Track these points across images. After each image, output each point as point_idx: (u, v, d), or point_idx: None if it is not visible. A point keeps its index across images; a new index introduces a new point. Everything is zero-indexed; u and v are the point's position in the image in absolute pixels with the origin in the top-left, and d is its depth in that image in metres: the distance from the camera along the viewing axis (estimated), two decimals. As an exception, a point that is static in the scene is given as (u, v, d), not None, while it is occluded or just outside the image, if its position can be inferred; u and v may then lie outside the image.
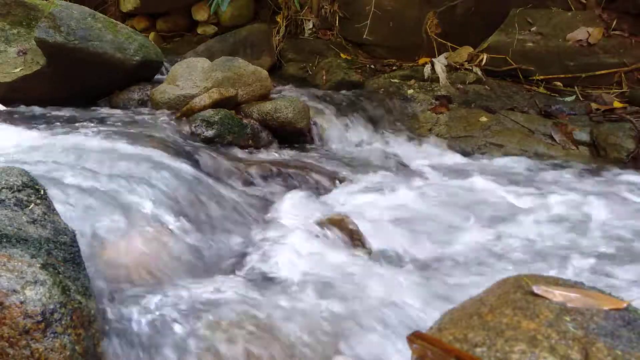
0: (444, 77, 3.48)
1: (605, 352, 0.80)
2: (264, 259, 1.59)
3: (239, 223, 1.80)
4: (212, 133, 2.39)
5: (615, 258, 1.65)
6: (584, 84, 3.41)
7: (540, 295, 0.93)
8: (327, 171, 2.34)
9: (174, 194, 1.72)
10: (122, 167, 1.78)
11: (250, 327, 1.21)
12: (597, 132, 2.90)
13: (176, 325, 1.19)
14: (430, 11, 3.91)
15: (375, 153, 2.76)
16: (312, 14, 4.39)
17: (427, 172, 2.56)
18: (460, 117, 3.15)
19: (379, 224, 1.84)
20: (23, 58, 2.86)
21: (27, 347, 0.91)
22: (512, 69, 3.52)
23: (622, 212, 2.01)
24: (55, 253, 1.08)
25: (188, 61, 2.87)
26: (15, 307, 0.92)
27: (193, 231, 1.60)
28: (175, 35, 5.03)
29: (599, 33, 3.40)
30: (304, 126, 2.69)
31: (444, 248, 1.73)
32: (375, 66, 4.02)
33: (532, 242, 1.76)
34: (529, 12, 3.66)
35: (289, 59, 4.21)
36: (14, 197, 1.17)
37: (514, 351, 0.81)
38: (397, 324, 1.28)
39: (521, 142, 2.93)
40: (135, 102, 2.92)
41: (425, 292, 1.45)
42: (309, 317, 1.27)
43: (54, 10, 2.69)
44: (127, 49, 2.83)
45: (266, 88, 2.84)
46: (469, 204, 2.05)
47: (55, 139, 2.09)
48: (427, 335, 0.89)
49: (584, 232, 1.84)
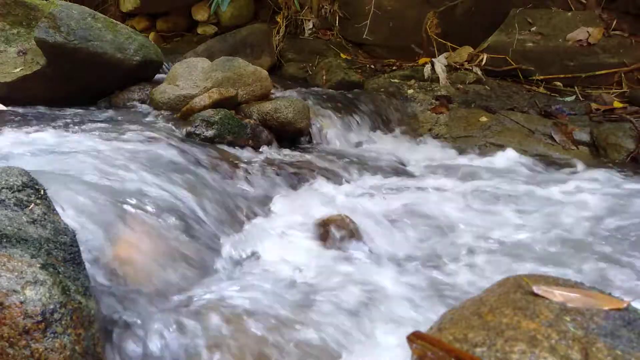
0: (444, 77, 3.48)
1: (605, 352, 0.80)
2: (263, 259, 1.59)
3: (239, 223, 1.80)
4: (212, 133, 2.39)
5: (615, 258, 1.65)
6: (584, 84, 3.41)
7: (540, 295, 0.93)
8: (326, 171, 2.34)
9: (174, 193, 1.72)
10: (122, 167, 1.78)
11: (248, 327, 1.21)
12: (597, 132, 2.90)
13: (177, 324, 1.19)
14: (430, 11, 3.91)
15: (375, 153, 2.76)
16: (312, 14, 4.39)
17: (427, 172, 2.56)
18: (460, 117, 3.15)
19: (378, 223, 1.84)
20: (23, 58, 2.86)
21: (27, 347, 0.91)
22: (512, 69, 3.52)
23: (622, 212, 2.01)
24: (55, 253, 1.08)
25: (188, 61, 2.87)
26: (15, 307, 0.92)
27: (193, 231, 1.60)
28: (175, 35, 5.03)
29: (599, 33, 3.40)
30: (304, 126, 2.69)
31: (444, 248, 1.73)
32: (375, 66, 4.02)
33: (531, 242, 1.76)
34: (529, 12, 3.67)
35: (289, 59, 4.21)
36: (14, 197, 1.17)
37: (514, 351, 0.81)
38: (397, 324, 1.28)
39: (521, 142, 2.93)
40: (135, 102, 2.92)
41: (425, 292, 1.45)
42: (308, 319, 1.28)
43: (54, 10, 2.69)
44: (127, 49, 2.83)
45: (266, 88, 2.84)
46: (468, 204, 2.05)
47: (55, 139, 2.09)
48: (427, 335, 0.89)
49: (584, 232, 1.84)
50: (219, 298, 1.32)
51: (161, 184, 1.74)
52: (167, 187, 1.74)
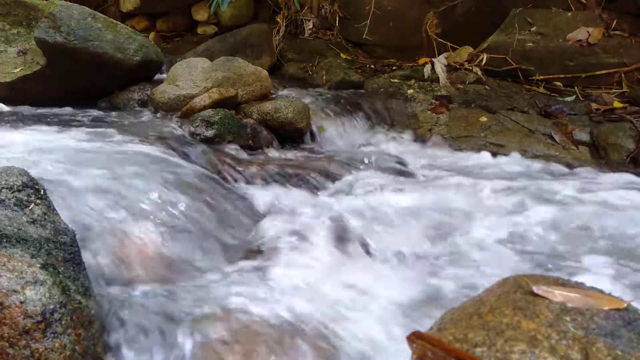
0: (444, 77, 3.48)
1: (605, 352, 0.80)
2: (262, 259, 1.58)
3: (238, 223, 1.80)
4: (212, 133, 2.39)
5: (615, 258, 1.64)
6: (584, 84, 3.41)
7: (540, 295, 0.93)
8: (326, 171, 2.34)
9: (173, 193, 1.72)
10: (121, 167, 1.78)
11: (246, 327, 1.21)
12: (597, 132, 2.90)
13: (178, 323, 1.19)
14: (430, 11, 3.91)
15: (375, 153, 2.76)
16: (312, 14, 4.39)
17: (427, 172, 2.56)
18: (460, 117, 3.15)
19: (378, 223, 1.84)
20: (23, 58, 2.86)
21: (27, 347, 0.91)
22: (512, 69, 3.52)
23: (622, 212, 2.01)
24: (55, 253, 1.08)
25: (188, 61, 2.87)
26: (15, 307, 0.92)
27: (192, 231, 1.60)
28: (175, 35, 5.03)
29: (599, 33, 3.40)
30: (304, 126, 2.69)
31: (443, 248, 1.73)
32: (375, 66, 4.02)
33: (531, 243, 1.76)
34: (529, 12, 3.66)
35: (289, 59, 4.21)
36: (14, 197, 1.17)
37: (514, 351, 0.81)
38: (396, 324, 1.28)
39: (521, 142, 2.93)
40: (135, 102, 2.92)
41: (424, 292, 1.45)
42: (308, 321, 1.28)
43: (54, 10, 2.69)
44: (127, 49, 2.83)
45: (266, 88, 2.84)
46: (468, 204, 2.05)
47: (55, 139, 2.09)
48: (427, 335, 0.89)
49: (584, 232, 1.84)
50: (215, 298, 1.32)
51: (160, 184, 1.74)
52: (166, 187, 1.74)
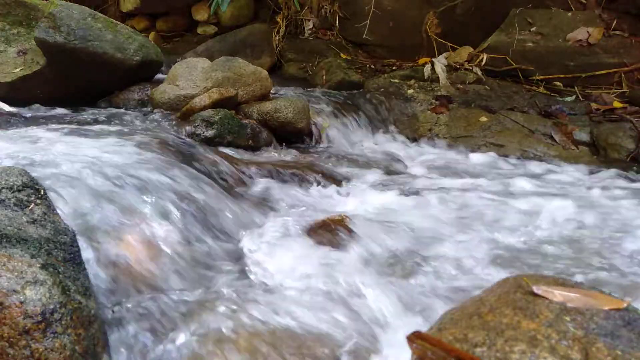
0: (444, 77, 3.48)
1: (605, 352, 0.80)
2: (262, 259, 1.58)
3: (238, 223, 1.80)
4: (212, 133, 2.39)
5: (615, 258, 1.64)
6: (584, 84, 3.41)
7: (540, 295, 0.93)
8: (326, 171, 2.34)
9: (173, 194, 1.72)
10: (121, 167, 1.78)
11: (245, 330, 1.21)
12: (597, 132, 2.90)
13: (175, 326, 1.20)
14: (430, 11, 3.91)
15: (375, 153, 2.76)
16: (312, 14, 4.40)
17: (427, 172, 2.56)
18: (460, 117, 3.15)
19: (378, 223, 1.84)
20: (23, 58, 2.86)
21: (27, 347, 0.91)
22: (512, 69, 3.52)
23: (622, 212, 2.01)
24: (55, 253, 1.08)
25: (188, 61, 2.87)
26: (15, 307, 0.92)
27: (192, 231, 1.60)
28: (175, 35, 5.03)
29: (599, 33, 3.40)
30: (304, 126, 2.69)
31: (443, 248, 1.72)
32: (375, 66, 4.02)
33: (531, 243, 1.76)
34: (529, 12, 3.67)
35: (289, 59, 4.21)
36: (14, 197, 1.17)
37: (514, 351, 0.81)
38: (396, 323, 1.28)
39: (521, 142, 2.93)
40: (135, 102, 2.92)
41: (424, 292, 1.45)
42: (307, 323, 1.28)
43: (54, 10, 2.69)
44: (127, 49, 2.83)
45: (266, 88, 2.84)
46: (468, 205, 2.05)
47: (55, 138, 2.09)
48: (427, 335, 0.89)
49: (584, 232, 1.84)
50: (214, 298, 1.32)
51: (160, 184, 1.73)
52: (165, 187, 1.73)
